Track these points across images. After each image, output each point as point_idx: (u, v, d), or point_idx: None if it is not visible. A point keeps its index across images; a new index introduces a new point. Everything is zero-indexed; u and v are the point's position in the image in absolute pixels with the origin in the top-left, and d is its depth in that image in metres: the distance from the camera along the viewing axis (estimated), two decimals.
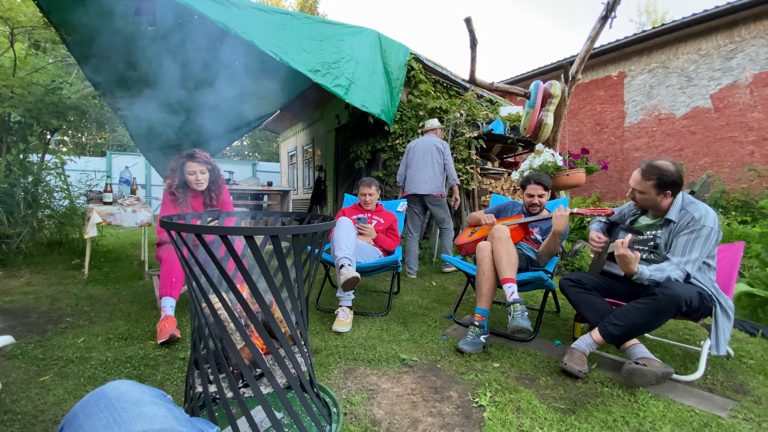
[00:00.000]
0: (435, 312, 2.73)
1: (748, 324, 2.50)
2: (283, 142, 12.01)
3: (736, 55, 5.97)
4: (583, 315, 1.95)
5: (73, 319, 2.39)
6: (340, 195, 7.59)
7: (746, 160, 5.86)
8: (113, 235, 5.12)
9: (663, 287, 1.67)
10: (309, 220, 1.54)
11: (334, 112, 7.32)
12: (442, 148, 3.97)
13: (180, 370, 1.78)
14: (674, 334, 2.40)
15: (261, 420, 1.38)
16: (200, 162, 2.42)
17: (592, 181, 7.68)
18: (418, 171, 3.95)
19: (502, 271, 2.11)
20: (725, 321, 1.73)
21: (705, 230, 1.74)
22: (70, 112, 4.17)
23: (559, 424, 1.42)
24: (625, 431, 1.38)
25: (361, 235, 2.88)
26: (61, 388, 1.59)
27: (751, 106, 5.82)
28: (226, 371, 1.12)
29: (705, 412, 1.50)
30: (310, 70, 3.78)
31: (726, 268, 1.98)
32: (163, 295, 2.21)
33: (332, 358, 1.94)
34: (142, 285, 3.23)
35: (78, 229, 4.42)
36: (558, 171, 3.73)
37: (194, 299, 1.18)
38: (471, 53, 3.93)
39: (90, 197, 3.93)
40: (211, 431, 0.59)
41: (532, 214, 2.62)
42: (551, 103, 3.96)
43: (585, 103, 7.99)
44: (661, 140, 6.83)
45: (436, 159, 3.94)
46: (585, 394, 1.64)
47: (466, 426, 1.41)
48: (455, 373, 1.82)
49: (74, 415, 0.46)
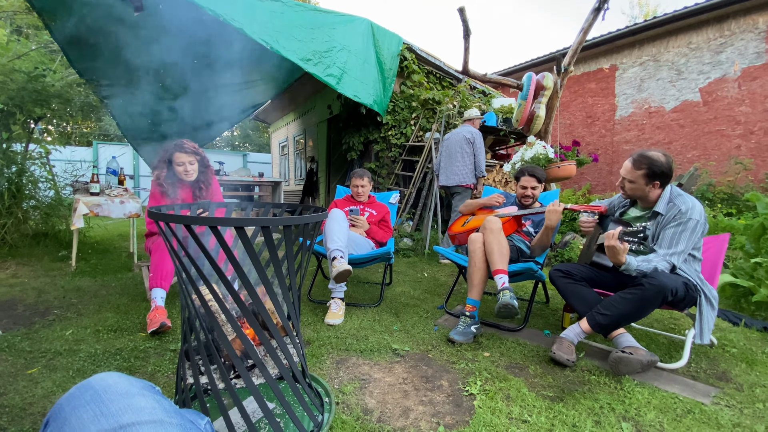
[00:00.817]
0: (427, 303, 2.75)
1: (731, 314, 2.57)
2: (274, 133, 11.88)
3: (725, 49, 6.02)
4: (572, 305, 1.98)
5: (61, 312, 2.36)
6: (332, 186, 7.56)
7: (733, 153, 5.96)
8: (101, 227, 5.04)
9: (649, 278, 1.71)
10: (301, 211, 1.53)
11: (326, 102, 7.24)
12: (471, 138, 3.97)
13: (171, 361, 1.77)
14: (660, 323, 2.46)
15: (253, 410, 1.38)
16: (189, 152, 2.38)
17: (583, 174, 7.75)
18: (448, 163, 4.02)
19: (494, 262, 2.13)
20: (709, 311, 1.78)
21: (691, 223, 1.77)
22: (54, 100, 4.06)
23: (548, 411, 1.44)
24: (611, 418, 1.41)
25: (354, 227, 2.88)
26: (50, 380, 1.57)
27: (739, 100, 5.90)
28: (218, 362, 1.12)
29: (688, 399, 1.55)
30: (301, 59, 3.72)
31: (711, 259, 2.02)
32: (153, 286, 2.19)
33: (324, 348, 1.95)
34: (131, 277, 3.20)
35: (64, 220, 4.35)
36: (549, 163, 3.76)
37: (184, 291, 1.17)
38: (464, 44, 3.91)
39: (76, 188, 3.85)
40: (201, 422, 0.58)
41: (524, 205, 2.64)
42: (543, 95, 3.97)
43: (577, 96, 8.02)
44: (651, 133, 6.91)
45: (466, 150, 3.98)
46: (573, 382, 1.67)
47: (457, 414, 1.43)
48: (446, 363, 1.84)
49: (60, 407, 0.46)
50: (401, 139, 5.37)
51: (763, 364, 1.86)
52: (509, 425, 1.35)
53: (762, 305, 2.55)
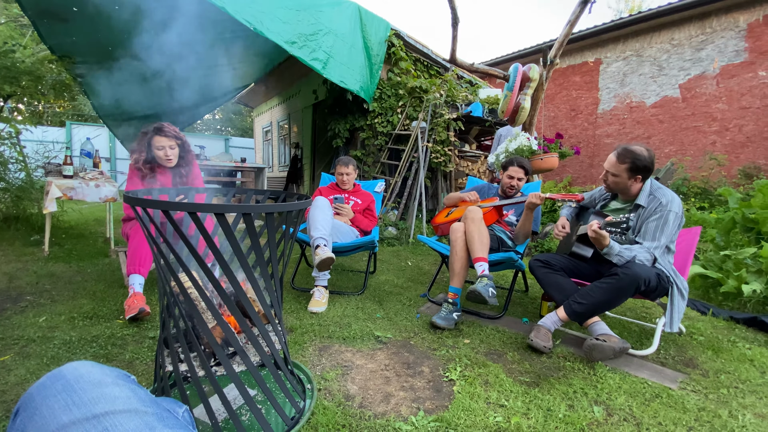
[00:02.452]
0: (410, 291, 2.78)
1: (700, 303, 2.68)
2: (258, 117, 11.62)
3: (706, 46, 6.16)
4: (550, 294, 2.03)
5: (34, 298, 2.29)
6: (317, 174, 7.48)
7: (708, 149, 6.15)
8: (75, 211, 4.88)
9: (624, 268, 1.77)
10: (284, 198, 1.51)
11: (311, 87, 7.10)
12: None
13: (150, 349, 1.74)
14: (632, 312, 2.55)
15: (234, 397, 1.38)
16: (169, 136, 2.30)
17: (564, 166, 7.88)
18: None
19: (474, 250, 2.16)
20: (680, 300, 1.85)
21: (671, 215, 1.84)
22: (24, 77, 3.86)
23: (524, 396, 1.49)
24: (583, 402, 1.47)
25: (338, 215, 2.86)
26: (23, 368, 1.53)
27: (717, 97, 6.06)
28: (197, 350, 1.11)
29: (657, 384, 1.62)
30: (286, 41, 3.63)
31: (683, 251, 2.10)
32: (130, 272, 2.14)
33: (307, 336, 1.95)
34: (108, 263, 3.12)
35: (36, 203, 4.18)
36: (533, 155, 3.80)
37: (162, 278, 1.15)
38: (452, 32, 3.88)
39: (48, 170, 3.69)
40: (179, 410, 0.58)
41: (508, 195, 2.68)
42: (529, 87, 3.99)
43: (561, 89, 8.10)
44: (631, 128, 7.05)
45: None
46: (549, 368, 1.73)
47: (437, 399, 1.46)
48: (428, 349, 1.87)
49: (30, 397, 0.44)
50: (387, 128, 5.33)
51: (728, 351, 1.96)
52: (487, 409, 1.39)
53: (729, 296, 2.67)
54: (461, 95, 5.45)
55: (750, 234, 2.93)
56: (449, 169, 5.17)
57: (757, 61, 5.67)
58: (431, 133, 4.97)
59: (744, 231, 2.98)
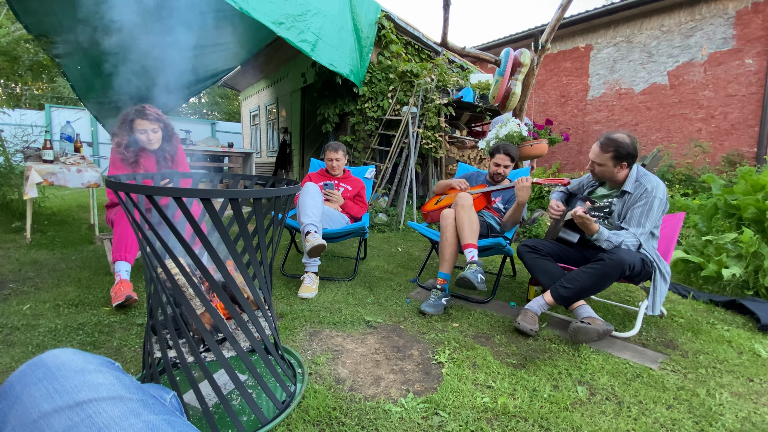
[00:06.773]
0: (400, 276, 2.79)
1: (681, 287, 2.76)
2: (245, 101, 11.36)
3: (695, 33, 6.17)
4: (537, 278, 2.06)
5: (17, 285, 2.24)
6: (306, 159, 7.39)
7: (694, 136, 6.24)
8: (57, 197, 4.76)
9: (610, 253, 1.80)
10: (272, 183, 1.49)
11: (300, 70, 6.95)
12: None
13: (137, 335, 1.73)
14: (616, 295, 2.61)
15: (224, 383, 1.38)
16: (151, 120, 2.24)
17: (554, 153, 7.92)
18: None
19: (464, 237, 2.18)
20: (662, 285, 1.90)
21: (656, 202, 1.87)
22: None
23: (510, 377, 1.53)
24: (568, 382, 1.51)
25: (328, 202, 2.84)
26: (7, 356, 1.51)
27: (704, 84, 6.12)
28: (186, 336, 1.10)
29: (638, 365, 1.67)
30: (273, 22, 3.52)
31: (667, 236, 2.15)
32: (116, 259, 2.10)
33: (298, 321, 1.96)
34: (92, 249, 3.06)
35: (16, 189, 4.05)
36: (522, 141, 3.81)
37: (149, 265, 1.13)
38: (444, 14, 3.82)
39: (27, 154, 3.57)
40: (166, 396, 0.57)
41: (495, 182, 2.70)
42: (520, 72, 3.97)
43: (552, 75, 8.08)
44: (620, 114, 7.10)
45: None
46: (535, 351, 1.77)
47: (426, 381, 1.49)
48: (417, 333, 1.89)
49: (10, 385, 0.43)
50: (378, 113, 5.27)
51: (707, 333, 2.03)
52: (474, 390, 1.42)
53: (709, 279, 2.75)
54: (452, 80, 5.39)
55: (732, 220, 3.00)
56: (440, 156, 5.15)
57: (744, 48, 5.71)
58: (422, 118, 4.93)
59: (726, 217, 3.05)
